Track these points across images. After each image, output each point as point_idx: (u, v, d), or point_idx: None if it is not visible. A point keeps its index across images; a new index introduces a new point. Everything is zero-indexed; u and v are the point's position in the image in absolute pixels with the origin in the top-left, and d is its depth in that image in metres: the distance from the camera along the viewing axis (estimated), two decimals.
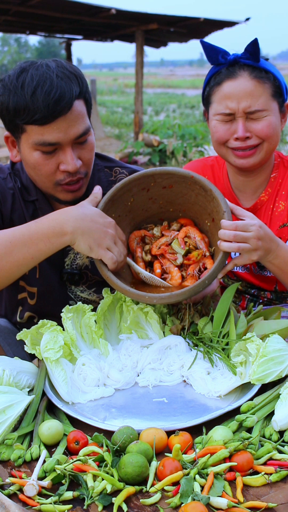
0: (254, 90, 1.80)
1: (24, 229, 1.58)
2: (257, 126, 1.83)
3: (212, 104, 1.89)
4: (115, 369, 1.63)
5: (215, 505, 1.15)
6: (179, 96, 38.26)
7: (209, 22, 12.84)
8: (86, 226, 1.57)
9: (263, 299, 2.09)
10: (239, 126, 1.83)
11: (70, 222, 1.56)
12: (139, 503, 1.18)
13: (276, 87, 1.85)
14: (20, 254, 1.56)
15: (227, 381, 1.53)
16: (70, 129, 1.64)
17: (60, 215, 1.59)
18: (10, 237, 1.56)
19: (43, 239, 1.56)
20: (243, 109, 1.81)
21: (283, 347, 1.51)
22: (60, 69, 1.64)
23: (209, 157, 2.20)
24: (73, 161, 1.67)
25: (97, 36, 15.93)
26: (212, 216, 1.68)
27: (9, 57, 75.37)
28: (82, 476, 1.23)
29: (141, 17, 12.40)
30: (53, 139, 1.63)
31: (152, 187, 1.73)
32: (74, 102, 1.62)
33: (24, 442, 1.38)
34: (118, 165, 2.00)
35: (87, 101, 1.72)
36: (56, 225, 1.56)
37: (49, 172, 1.70)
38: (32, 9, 11.16)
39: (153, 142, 11.38)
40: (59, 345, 1.56)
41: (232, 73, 1.83)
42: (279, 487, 1.21)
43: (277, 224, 1.99)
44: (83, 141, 1.70)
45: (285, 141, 13.55)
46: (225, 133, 1.86)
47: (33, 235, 1.56)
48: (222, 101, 1.84)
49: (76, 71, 1.68)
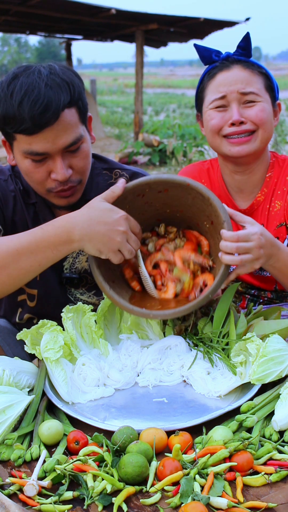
0: (248, 77, 1.84)
1: (30, 236, 1.54)
2: (251, 112, 1.85)
3: (206, 97, 1.91)
4: (115, 369, 1.63)
5: (215, 505, 1.15)
6: (179, 96, 38.26)
7: (209, 22, 12.84)
8: (93, 231, 1.51)
9: (263, 298, 2.09)
10: (234, 111, 1.84)
11: (76, 230, 1.51)
12: (139, 503, 1.18)
13: (268, 82, 1.91)
14: (27, 261, 1.53)
15: (227, 381, 1.53)
16: (58, 140, 1.61)
17: (66, 222, 1.53)
18: (17, 245, 1.53)
19: (51, 247, 1.52)
20: (237, 91, 1.83)
21: (283, 347, 1.51)
22: (52, 76, 1.60)
23: (205, 161, 2.20)
24: (62, 171, 1.64)
25: (97, 36, 15.93)
26: (210, 219, 1.65)
27: (9, 57, 75.42)
28: (82, 476, 1.23)
29: (141, 17, 12.41)
30: (40, 149, 1.61)
31: (147, 192, 1.68)
32: (62, 112, 1.59)
33: (24, 442, 1.38)
34: (118, 167, 1.98)
35: (80, 109, 1.67)
36: (62, 233, 1.52)
37: (40, 180, 1.69)
38: (32, 9, 11.17)
39: (153, 142, 11.39)
40: (59, 345, 1.56)
41: (226, 66, 1.87)
42: (279, 487, 1.21)
43: (274, 224, 1.99)
44: (75, 150, 1.67)
45: (285, 141, 13.56)
46: (219, 121, 1.87)
47: (40, 243, 1.52)
48: (215, 89, 1.87)
49: (68, 78, 1.63)
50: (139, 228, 1.63)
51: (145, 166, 11.48)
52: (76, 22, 13.26)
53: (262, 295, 2.09)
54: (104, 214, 1.53)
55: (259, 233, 1.54)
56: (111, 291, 1.63)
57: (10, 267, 1.52)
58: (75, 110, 1.64)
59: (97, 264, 1.63)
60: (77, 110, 1.65)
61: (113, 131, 18.20)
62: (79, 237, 1.51)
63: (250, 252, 1.52)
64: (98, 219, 1.52)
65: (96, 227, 1.51)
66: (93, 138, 1.85)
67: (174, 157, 10.16)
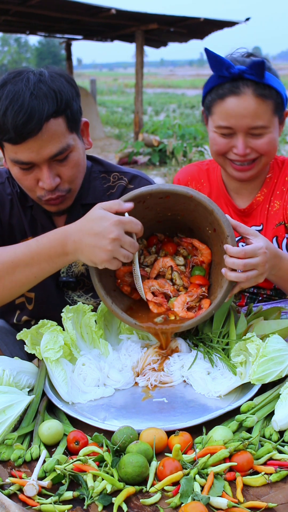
0: (257, 109, 1.78)
1: (26, 248, 1.53)
2: (257, 143, 1.82)
3: (213, 116, 1.86)
4: (115, 369, 1.63)
5: (215, 505, 1.15)
6: (179, 96, 38.28)
7: (209, 22, 12.84)
8: (86, 243, 1.47)
9: (263, 296, 2.10)
10: (239, 143, 1.81)
11: (69, 243, 1.50)
12: (139, 503, 1.18)
13: (278, 102, 1.84)
14: (23, 274, 1.53)
15: (227, 381, 1.53)
16: (42, 150, 1.59)
17: (60, 234, 1.52)
18: (12, 257, 1.52)
19: (46, 259, 1.52)
20: (245, 127, 1.79)
21: (283, 347, 1.51)
22: (39, 84, 1.57)
23: (204, 161, 2.20)
24: (48, 180, 1.63)
25: (97, 36, 15.93)
26: (213, 226, 1.60)
27: (9, 57, 75.38)
28: (82, 476, 1.23)
29: (141, 17, 12.40)
30: (25, 158, 1.60)
31: (148, 199, 1.62)
32: (46, 122, 1.56)
33: (24, 442, 1.38)
34: (117, 170, 1.95)
35: (69, 118, 1.63)
36: (57, 245, 1.51)
37: (29, 187, 1.69)
38: (32, 9, 11.17)
39: (153, 142, 11.39)
40: (59, 345, 1.56)
41: (236, 88, 1.79)
42: (279, 487, 1.21)
43: (273, 223, 2.00)
44: (62, 159, 1.65)
45: (285, 141, 13.56)
46: (224, 147, 1.85)
47: (35, 255, 1.52)
48: (224, 117, 1.81)
49: (57, 87, 1.59)
50: (140, 226, 1.53)
51: (145, 166, 11.48)
52: (76, 22, 13.26)
53: (261, 292, 2.09)
54: (94, 224, 1.47)
55: (264, 247, 1.51)
56: (113, 305, 1.63)
57: (6, 279, 1.53)
58: (62, 120, 1.61)
59: (98, 275, 1.62)
60: (64, 119, 1.62)
61: (113, 131, 18.20)
62: (73, 249, 1.50)
63: (256, 268, 1.49)
64: (89, 230, 1.47)
65: (86, 239, 1.47)
66: (90, 144, 1.83)
67: (174, 157, 10.17)
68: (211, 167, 2.14)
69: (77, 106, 1.67)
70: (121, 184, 1.92)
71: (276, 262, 1.59)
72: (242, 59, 1.86)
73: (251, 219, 2.02)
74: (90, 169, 1.90)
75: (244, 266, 1.47)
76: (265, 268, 1.51)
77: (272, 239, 1.98)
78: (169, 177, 9.17)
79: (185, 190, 1.56)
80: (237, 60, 1.84)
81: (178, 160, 9.72)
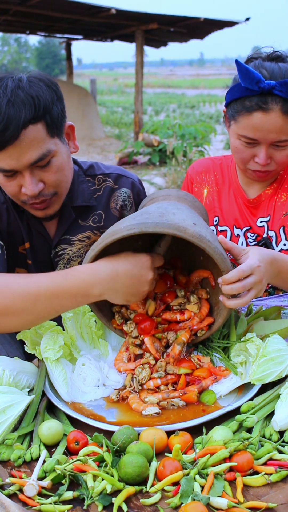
0: (284, 125, 1.80)
1: (50, 282, 1.48)
2: (278, 155, 1.86)
3: (238, 124, 1.86)
4: (115, 370, 1.63)
5: (215, 505, 1.15)
6: (179, 96, 38.31)
7: (209, 22, 12.84)
8: (118, 284, 1.49)
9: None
10: (262, 153, 1.84)
11: (97, 286, 1.48)
12: (139, 503, 1.18)
13: None
14: (44, 306, 1.48)
15: (227, 381, 1.53)
16: (22, 157, 1.58)
17: (88, 275, 1.48)
18: (35, 289, 1.46)
19: (68, 297, 1.48)
20: (270, 141, 1.82)
21: (283, 347, 1.51)
22: (17, 91, 1.55)
23: (217, 156, 2.26)
24: (31, 186, 1.63)
25: (97, 36, 15.94)
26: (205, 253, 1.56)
27: (9, 57, 75.43)
28: (82, 476, 1.23)
29: (141, 17, 12.41)
30: (7, 166, 1.60)
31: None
32: (24, 129, 1.55)
33: (24, 442, 1.38)
34: (100, 173, 1.97)
35: (48, 123, 1.61)
36: (82, 287, 1.47)
37: (13, 193, 1.69)
38: (32, 9, 11.18)
39: (153, 142, 11.40)
40: (59, 345, 1.56)
41: (264, 104, 1.78)
42: (279, 487, 1.21)
43: (281, 213, 2.04)
44: (44, 165, 1.64)
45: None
46: (247, 156, 1.89)
47: (59, 291, 1.47)
48: (250, 130, 1.83)
49: (35, 92, 1.57)
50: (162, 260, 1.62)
51: (145, 166, 11.49)
52: (76, 22, 13.27)
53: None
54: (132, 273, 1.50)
55: (258, 260, 1.48)
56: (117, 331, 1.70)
57: (27, 310, 1.47)
58: (41, 125, 1.60)
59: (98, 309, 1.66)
60: (44, 125, 1.60)
61: (113, 131, 18.20)
62: (99, 292, 1.49)
63: (254, 287, 1.48)
64: (124, 275, 1.49)
65: (122, 280, 1.49)
66: (76, 147, 1.83)
67: (174, 157, 10.15)
68: (224, 163, 2.20)
69: (58, 110, 1.65)
70: (107, 185, 1.95)
71: (274, 268, 1.58)
72: (270, 66, 1.83)
73: (259, 210, 2.07)
74: (77, 172, 1.92)
75: (243, 288, 1.45)
76: (263, 284, 1.50)
77: (279, 230, 2.00)
78: (169, 177, 9.15)
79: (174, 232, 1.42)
80: (265, 67, 1.82)
81: (178, 160, 9.70)
